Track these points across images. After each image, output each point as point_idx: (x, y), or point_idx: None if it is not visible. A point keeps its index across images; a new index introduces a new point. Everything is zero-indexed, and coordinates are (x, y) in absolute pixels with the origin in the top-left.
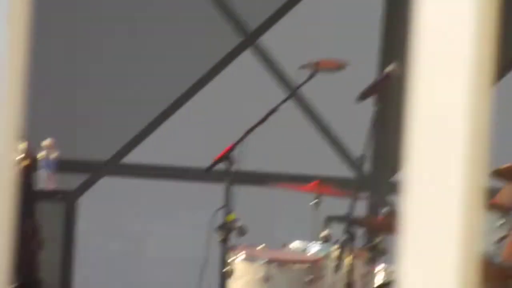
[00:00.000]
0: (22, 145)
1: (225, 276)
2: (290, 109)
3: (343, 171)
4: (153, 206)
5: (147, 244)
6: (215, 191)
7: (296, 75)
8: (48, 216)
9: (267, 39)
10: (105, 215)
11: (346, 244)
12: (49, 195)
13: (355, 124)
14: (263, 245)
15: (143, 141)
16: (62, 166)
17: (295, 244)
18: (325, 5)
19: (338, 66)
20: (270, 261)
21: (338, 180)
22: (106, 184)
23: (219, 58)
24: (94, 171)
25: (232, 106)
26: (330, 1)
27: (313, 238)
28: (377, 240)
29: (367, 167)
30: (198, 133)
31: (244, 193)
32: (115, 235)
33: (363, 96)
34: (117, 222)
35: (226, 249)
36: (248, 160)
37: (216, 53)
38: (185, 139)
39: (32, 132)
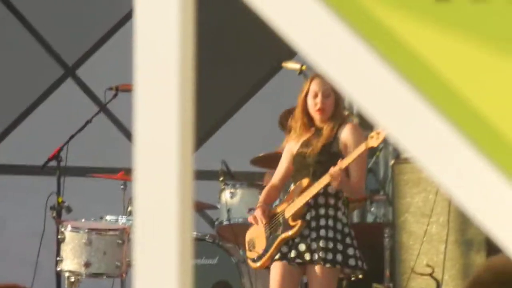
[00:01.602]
0: None
1: (59, 242)
2: (101, 120)
3: None
4: (7, 194)
5: (6, 221)
6: (49, 181)
7: (105, 95)
8: None
9: (83, 69)
10: None
11: None
12: None
13: None
14: (84, 219)
15: None
16: None
17: (109, 217)
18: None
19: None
20: (90, 230)
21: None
22: None
23: (49, 83)
24: None
25: (58, 119)
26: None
27: (123, 212)
28: None
29: None
30: (36, 140)
31: (69, 182)
32: None
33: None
34: None
35: (58, 222)
36: (72, 157)
37: (45, 80)
38: (26, 144)
39: None
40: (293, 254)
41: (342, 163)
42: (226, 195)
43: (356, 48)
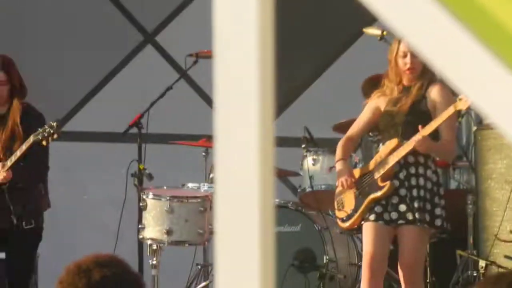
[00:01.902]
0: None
1: (140, 209)
2: (181, 87)
3: None
4: (88, 161)
5: (86, 188)
6: (130, 148)
7: (185, 62)
8: None
9: (163, 36)
10: (53, 171)
11: None
12: None
13: None
14: (165, 187)
15: (76, 114)
16: None
17: (191, 185)
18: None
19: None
20: (172, 197)
21: None
22: (54, 146)
23: (129, 50)
24: None
25: (139, 86)
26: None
27: (205, 180)
28: None
29: None
30: (116, 107)
31: (150, 149)
32: (61, 180)
33: None
34: (64, 170)
35: (140, 190)
36: (153, 124)
37: (125, 47)
38: (107, 111)
39: None
40: (394, 215)
41: (426, 129)
42: (308, 162)
43: (437, 15)
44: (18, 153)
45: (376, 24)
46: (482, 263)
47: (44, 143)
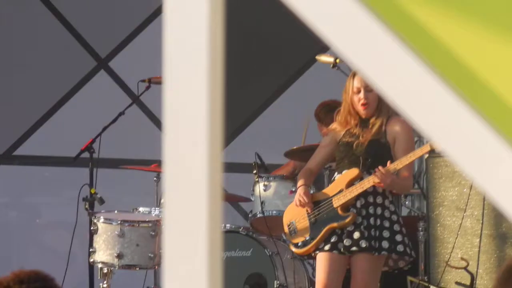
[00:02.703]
0: None
1: (91, 233)
2: (134, 112)
3: None
4: (40, 185)
5: (39, 212)
6: (82, 172)
7: (138, 87)
8: None
9: (116, 61)
10: (5, 193)
11: None
12: None
13: None
14: (116, 211)
15: (28, 139)
16: None
17: (142, 209)
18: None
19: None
20: (123, 221)
21: None
22: (2, 170)
23: (82, 75)
24: None
25: (91, 111)
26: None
27: (155, 204)
28: None
29: None
30: (68, 131)
31: (102, 173)
32: (14, 204)
33: None
34: (16, 194)
35: (91, 213)
36: (104, 149)
37: (77, 72)
38: (59, 136)
39: None
40: (347, 242)
41: (396, 164)
42: (260, 188)
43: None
44: None
45: (329, 52)
46: None
47: None
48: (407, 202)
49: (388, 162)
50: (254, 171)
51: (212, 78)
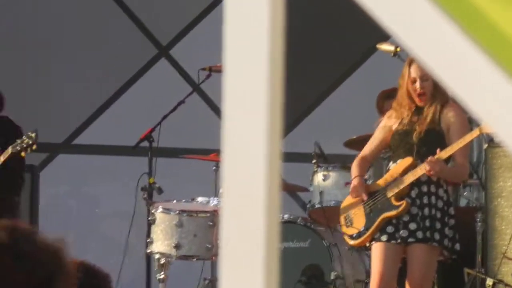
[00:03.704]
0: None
1: (149, 223)
2: (193, 101)
3: None
4: (99, 174)
5: (98, 201)
6: (141, 162)
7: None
8: None
9: (177, 49)
10: (63, 185)
11: None
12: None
13: None
14: (175, 200)
15: (88, 127)
16: None
17: (201, 199)
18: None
19: None
20: (181, 212)
21: None
22: (62, 159)
23: (143, 63)
24: (52, 150)
25: (151, 99)
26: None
27: (214, 194)
28: None
29: None
30: (128, 120)
31: (161, 163)
32: (73, 196)
33: None
34: (73, 188)
35: (149, 203)
36: (164, 138)
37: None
38: (118, 125)
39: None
40: (404, 233)
41: (446, 152)
42: (318, 178)
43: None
44: None
45: (390, 40)
46: (489, 281)
47: (22, 154)
48: (465, 193)
49: (438, 150)
50: (314, 161)
51: (272, 66)
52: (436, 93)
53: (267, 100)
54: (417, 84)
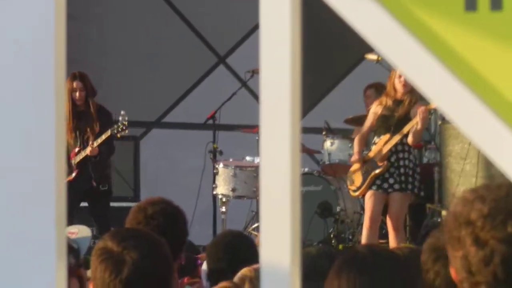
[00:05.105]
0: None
1: (214, 174)
2: (243, 93)
3: None
4: (181, 145)
5: (179, 161)
6: (208, 134)
7: (245, 76)
8: (123, 151)
9: (233, 58)
10: (156, 150)
11: None
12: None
13: None
14: (231, 159)
15: (173, 110)
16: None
17: (249, 158)
18: None
19: None
20: (236, 166)
21: None
22: (156, 133)
23: (208, 66)
24: (148, 126)
25: (214, 91)
26: None
27: (257, 155)
28: None
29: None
30: (198, 107)
31: (222, 134)
32: (163, 158)
33: None
34: (163, 152)
35: (214, 161)
36: (223, 118)
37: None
38: (193, 109)
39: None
40: (385, 185)
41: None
42: (327, 144)
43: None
44: (99, 140)
45: (375, 52)
46: (444, 212)
47: (118, 136)
48: (426, 154)
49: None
50: (324, 133)
51: (292, 65)
52: (413, 90)
53: (290, 91)
54: (402, 78)
